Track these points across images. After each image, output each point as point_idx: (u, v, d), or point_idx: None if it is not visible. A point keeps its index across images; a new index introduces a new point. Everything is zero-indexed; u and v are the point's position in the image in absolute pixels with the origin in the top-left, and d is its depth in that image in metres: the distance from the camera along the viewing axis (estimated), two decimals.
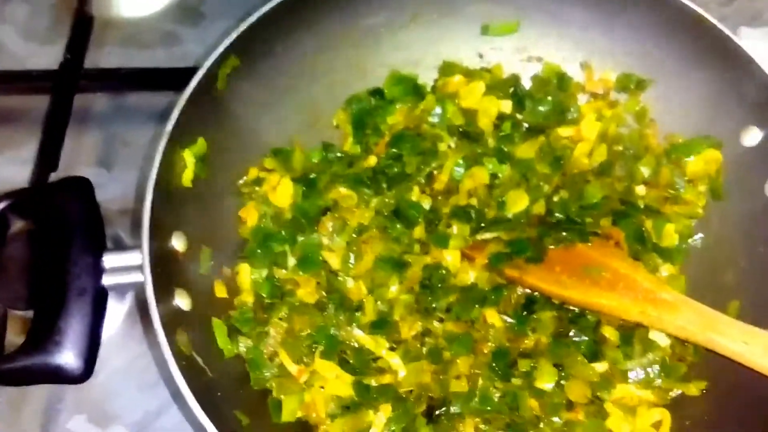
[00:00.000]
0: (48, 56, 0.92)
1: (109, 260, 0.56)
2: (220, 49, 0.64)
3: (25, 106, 0.89)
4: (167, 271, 0.56)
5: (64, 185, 0.58)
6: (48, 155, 0.80)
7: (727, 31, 0.66)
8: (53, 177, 0.80)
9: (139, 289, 0.58)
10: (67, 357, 0.51)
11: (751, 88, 0.66)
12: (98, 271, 0.55)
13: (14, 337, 0.68)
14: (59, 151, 0.82)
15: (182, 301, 0.58)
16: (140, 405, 0.72)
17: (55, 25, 0.95)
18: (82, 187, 0.58)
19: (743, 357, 0.55)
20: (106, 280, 0.55)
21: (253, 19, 0.65)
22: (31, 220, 0.58)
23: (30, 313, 0.70)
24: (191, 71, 0.85)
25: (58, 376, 0.51)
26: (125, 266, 0.56)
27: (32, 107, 0.89)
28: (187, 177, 0.63)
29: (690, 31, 0.68)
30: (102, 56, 0.91)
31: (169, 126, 0.60)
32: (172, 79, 0.87)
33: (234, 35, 0.64)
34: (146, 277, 0.54)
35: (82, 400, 0.72)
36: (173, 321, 0.54)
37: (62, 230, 0.56)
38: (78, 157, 0.84)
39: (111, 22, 0.94)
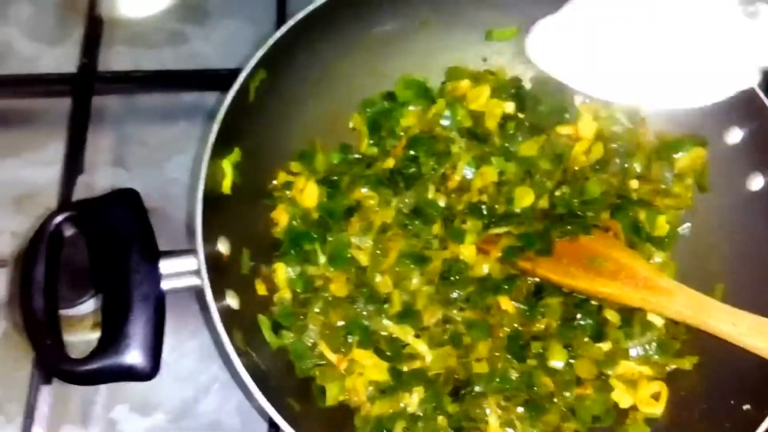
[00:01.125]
0: (56, 57, 0.94)
1: (165, 266, 0.60)
2: (251, 65, 0.68)
3: (41, 109, 0.91)
4: (217, 273, 0.61)
5: (116, 197, 0.62)
6: (74, 158, 0.83)
7: None
8: (81, 181, 0.84)
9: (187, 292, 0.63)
10: (137, 357, 0.56)
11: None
12: (156, 277, 0.59)
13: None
14: (83, 154, 0.85)
15: (232, 300, 0.64)
16: (178, 394, 0.77)
17: (60, 26, 0.96)
18: (132, 199, 0.62)
19: (731, 336, 0.62)
20: (165, 285, 0.60)
21: (279, 34, 0.70)
22: (86, 229, 0.61)
23: (76, 311, 0.76)
24: (199, 73, 0.90)
25: (130, 374, 0.56)
26: (180, 271, 0.61)
27: (46, 109, 0.91)
28: (226, 184, 0.67)
29: None
30: (111, 57, 0.93)
31: (211, 140, 0.64)
32: (184, 80, 0.90)
33: (262, 52, 0.69)
34: (204, 281, 0.59)
35: (122, 391, 0.77)
36: (228, 320, 0.59)
37: (119, 240, 0.60)
38: (97, 159, 0.87)
39: (117, 22, 0.96)
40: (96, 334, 0.76)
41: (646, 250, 0.74)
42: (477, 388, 0.67)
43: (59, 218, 0.59)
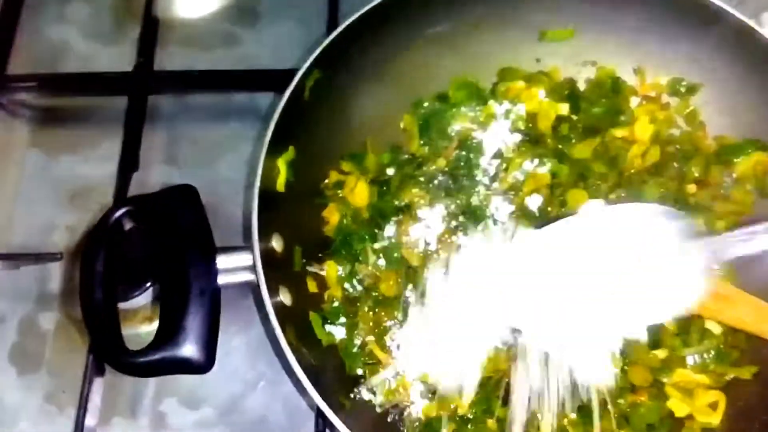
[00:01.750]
0: (112, 56, 0.96)
1: (221, 262, 0.61)
2: (307, 64, 0.68)
3: (97, 106, 0.93)
4: (271, 270, 0.62)
5: (174, 193, 0.63)
6: (129, 156, 0.85)
7: None
8: (135, 178, 0.85)
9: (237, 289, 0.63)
10: (193, 350, 0.57)
11: None
12: (213, 272, 0.60)
13: None
14: (138, 151, 0.86)
15: (285, 297, 0.64)
16: (225, 388, 0.77)
17: (116, 26, 0.99)
18: (190, 195, 0.63)
19: None
20: (220, 280, 0.61)
21: (334, 35, 0.70)
22: (144, 224, 0.62)
23: (129, 304, 0.77)
24: (252, 73, 0.91)
25: (186, 367, 0.57)
26: (235, 267, 0.61)
27: (102, 107, 0.93)
28: (281, 182, 0.68)
29: (738, 39, 0.72)
30: (166, 57, 0.95)
31: (268, 137, 0.65)
32: (236, 80, 0.91)
33: (318, 51, 0.69)
34: (260, 277, 0.59)
35: (171, 384, 0.78)
36: (282, 316, 0.60)
37: (177, 235, 0.61)
38: (150, 156, 0.89)
39: (171, 22, 0.97)
40: (148, 328, 0.78)
41: None
42: None
43: (119, 212, 0.60)
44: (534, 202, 0.74)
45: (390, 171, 0.77)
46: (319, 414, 0.70)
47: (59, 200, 0.86)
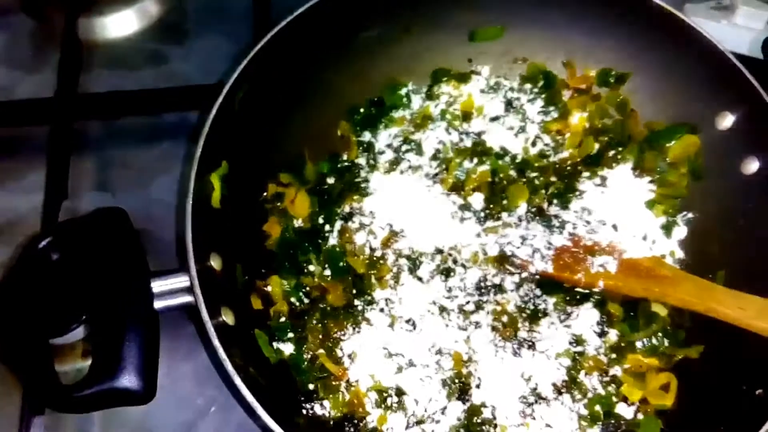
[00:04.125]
0: (35, 84, 0.93)
1: (157, 285, 0.59)
2: (234, 75, 0.67)
3: (18, 136, 0.90)
4: (211, 290, 0.59)
5: (101, 216, 0.60)
6: (56, 184, 0.81)
7: (692, 23, 0.72)
8: (64, 206, 0.82)
9: (181, 310, 0.61)
10: (132, 381, 0.54)
11: (718, 74, 0.72)
12: (148, 297, 0.57)
13: None
14: (66, 178, 0.83)
15: (227, 317, 0.62)
16: (175, 417, 0.74)
17: (37, 53, 0.95)
18: (118, 217, 0.60)
19: (740, 321, 0.62)
20: (157, 304, 0.58)
21: (261, 44, 0.69)
22: (72, 252, 0.59)
23: (65, 339, 0.73)
24: (180, 90, 0.89)
25: (126, 398, 0.54)
26: (172, 290, 0.59)
27: (25, 137, 0.90)
28: (215, 199, 0.66)
29: (660, 25, 0.74)
30: (91, 80, 0.92)
31: (198, 153, 0.62)
32: (165, 99, 0.89)
33: (244, 62, 0.67)
34: (198, 297, 0.57)
35: (118, 417, 0.75)
36: (225, 337, 0.57)
37: (108, 260, 0.58)
38: (80, 183, 0.85)
39: (95, 44, 0.95)
40: (87, 362, 0.74)
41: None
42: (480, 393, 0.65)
43: (44, 242, 0.57)
44: (476, 200, 0.74)
45: (330, 180, 0.76)
46: None
47: None
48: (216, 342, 0.55)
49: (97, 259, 0.58)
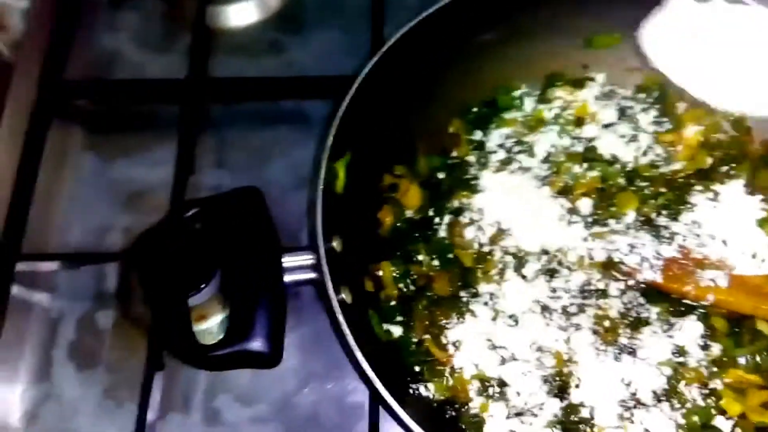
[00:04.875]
0: (163, 64, 0.98)
1: (287, 261, 0.63)
2: (363, 73, 0.71)
3: (149, 112, 0.96)
4: (333, 269, 0.63)
5: (240, 195, 0.65)
6: (185, 160, 0.87)
7: None
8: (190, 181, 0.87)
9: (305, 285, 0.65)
10: (262, 345, 0.59)
11: None
12: (280, 270, 0.62)
13: None
14: (194, 156, 0.88)
15: (346, 295, 0.66)
16: (278, 386, 0.79)
17: (167, 34, 1.01)
18: (255, 196, 0.65)
19: None
20: (286, 278, 0.63)
21: (387, 45, 0.73)
22: (212, 224, 0.65)
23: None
24: (301, 80, 0.93)
25: (256, 361, 0.59)
26: (301, 266, 0.63)
27: (154, 113, 0.96)
28: (339, 185, 0.70)
29: None
30: (216, 65, 0.97)
31: (329, 142, 0.67)
32: (284, 87, 0.93)
33: (373, 60, 0.71)
34: (325, 274, 0.61)
35: (226, 381, 0.80)
36: (345, 313, 0.61)
37: (245, 235, 0.63)
38: (200, 161, 0.91)
39: (219, 31, 1.00)
40: (202, 326, 0.80)
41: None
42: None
43: (189, 213, 0.62)
44: (585, 205, 0.75)
45: (440, 175, 0.79)
46: (373, 409, 0.71)
47: (116, 203, 0.88)
48: (340, 315, 0.59)
49: (235, 232, 0.63)
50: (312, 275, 0.63)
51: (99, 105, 0.95)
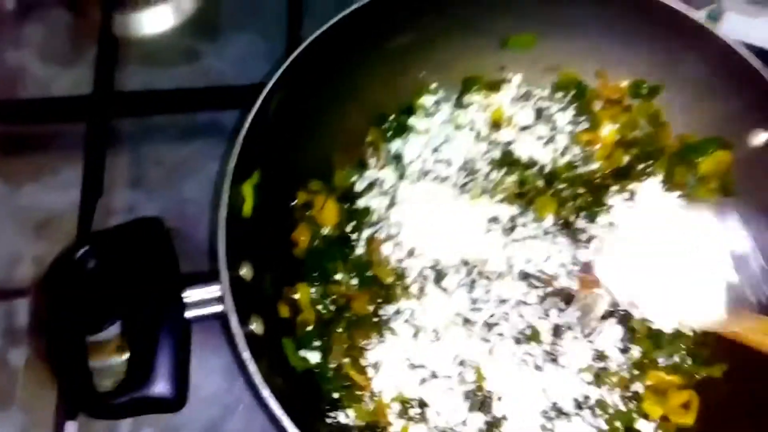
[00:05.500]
0: (71, 79, 0.94)
1: (190, 295, 0.60)
2: (269, 86, 0.67)
3: (57, 132, 0.92)
4: (242, 299, 0.61)
5: (138, 226, 0.62)
6: (92, 182, 0.83)
7: (729, 41, 0.71)
8: (100, 203, 0.83)
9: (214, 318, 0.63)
10: (165, 389, 0.56)
11: (751, 92, 0.71)
12: (181, 306, 0.59)
13: None
14: (102, 176, 0.85)
15: (257, 326, 0.64)
16: (203, 415, 0.76)
17: (74, 48, 0.96)
18: (155, 227, 0.62)
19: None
20: (189, 314, 0.60)
21: (296, 53, 0.69)
22: (108, 260, 0.61)
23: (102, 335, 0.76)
24: (216, 90, 0.90)
25: (159, 406, 0.56)
26: (205, 299, 0.61)
27: (62, 132, 0.92)
28: (247, 208, 0.67)
29: (693, 39, 0.73)
30: (126, 76, 0.93)
31: (231, 166, 0.64)
32: (199, 98, 0.90)
33: (279, 71, 0.68)
34: (229, 308, 0.59)
35: (148, 415, 0.77)
36: (254, 346, 0.59)
37: (143, 270, 0.60)
38: (114, 180, 0.87)
39: (130, 40, 0.96)
40: (120, 359, 0.77)
41: None
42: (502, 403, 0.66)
43: (79, 252, 0.59)
44: (504, 212, 0.74)
45: (358, 187, 0.77)
46: None
47: (24, 231, 0.84)
48: (245, 353, 0.57)
49: (132, 268, 0.60)
50: (218, 308, 0.60)
51: (3, 127, 0.90)
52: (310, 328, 0.69)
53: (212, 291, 0.61)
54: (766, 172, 0.71)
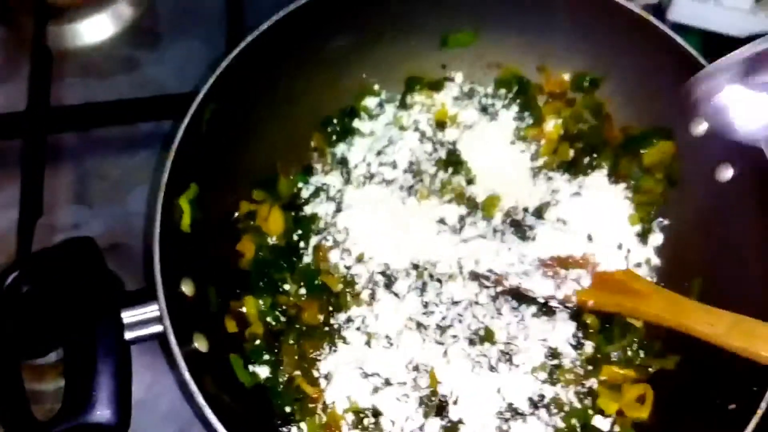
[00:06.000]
0: (5, 96, 0.91)
1: (128, 316, 0.58)
2: (200, 96, 0.66)
3: None
4: (182, 317, 0.59)
5: (69, 248, 0.59)
6: (30, 202, 0.80)
7: (666, 30, 0.71)
8: (41, 222, 0.81)
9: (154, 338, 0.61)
10: (105, 414, 0.54)
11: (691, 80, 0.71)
12: (119, 328, 0.57)
13: None
14: (41, 195, 0.82)
15: (200, 343, 0.62)
16: None
17: (8, 62, 0.94)
18: (87, 247, 0.60)
19: (710, 337, 0.61)
20: (128, 335, 0.58)
21: (228, 60, 0.68)
22: (39, 284, 0.59)
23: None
24: (155, 100, 0.88)
25: None
26: (143, 320, 0.59)
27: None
28: (185, 223, 0.65)
29: (634, 30, 0.73)
30: (63, 90, 0.91)
31: (164, 180, 0.62)
32: (139, 109, 0.88)
33: (211, 80, 0.66)
34: (168, 329, 0.57)
35: None
36: (197, 365, 0.57)
37: (78, 293, 0.58)
38: (57, 197, 0.85)
39: (66, 52, 0.93)
40: (61, 383, 0.74)
41: None
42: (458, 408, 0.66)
43: (10, 278, 0.57)
44: (451, 212, 0.73)
45: (304, 194, 0.75)
46: None
47: None
48: (186, 374, 0.55)
49: (66, 291, 0.58)
50: (158, 328, 0.58)
51: None
52: (258, 341, 0.68)
53: (151, 311, 0.59)
54: (709, 161, 0.71)
